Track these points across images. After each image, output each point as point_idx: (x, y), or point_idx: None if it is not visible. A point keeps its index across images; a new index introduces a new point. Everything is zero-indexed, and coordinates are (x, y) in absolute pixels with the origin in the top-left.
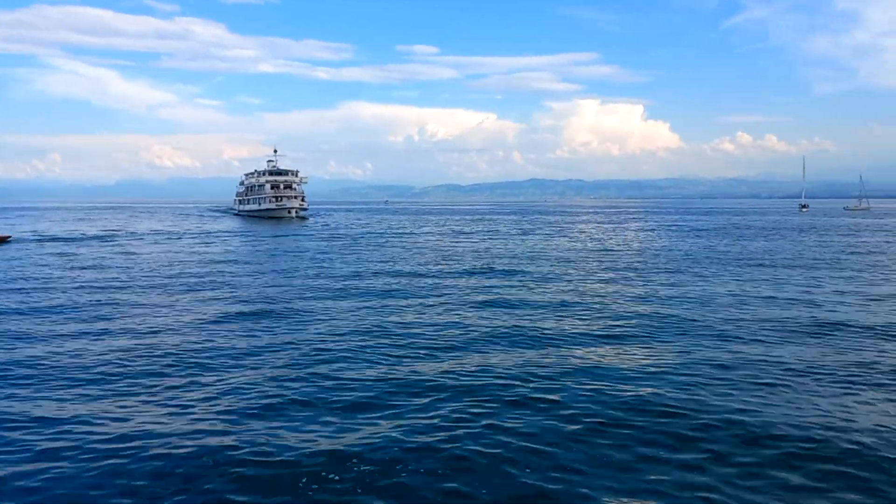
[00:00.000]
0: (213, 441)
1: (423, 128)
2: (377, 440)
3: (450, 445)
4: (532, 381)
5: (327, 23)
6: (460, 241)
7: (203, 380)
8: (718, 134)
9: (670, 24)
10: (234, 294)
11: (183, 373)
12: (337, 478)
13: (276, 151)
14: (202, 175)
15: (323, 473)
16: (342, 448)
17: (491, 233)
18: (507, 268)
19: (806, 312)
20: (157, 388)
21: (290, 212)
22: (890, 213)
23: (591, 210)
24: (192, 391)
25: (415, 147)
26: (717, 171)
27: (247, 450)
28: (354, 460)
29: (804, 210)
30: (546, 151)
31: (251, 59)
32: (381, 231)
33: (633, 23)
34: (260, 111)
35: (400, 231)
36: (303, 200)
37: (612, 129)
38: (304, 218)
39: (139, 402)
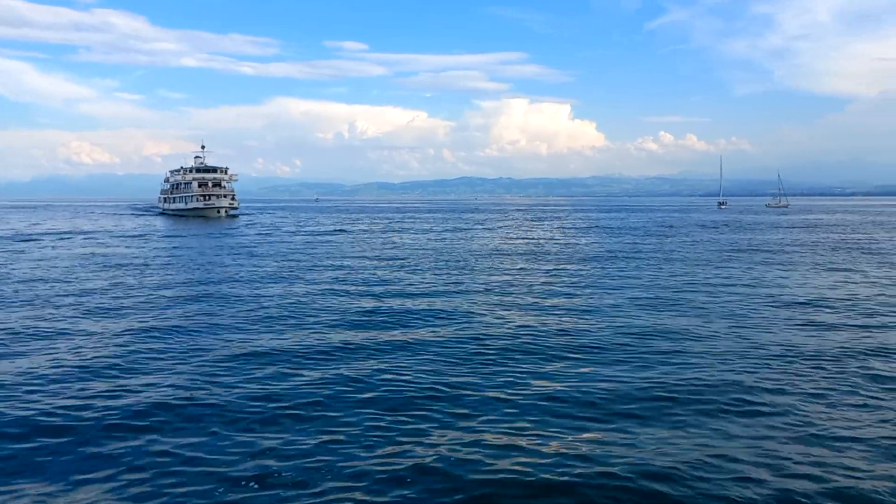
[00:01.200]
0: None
1: (352, 125)
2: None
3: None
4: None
5: (252, 17)
6: (403, 239)
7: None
8: (642, 133)
9: (595, 26)
10: (152, 301)
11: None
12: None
13: (203, 147)
14: (122, 172)
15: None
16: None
17: (429, 231)
18: (441, 265)
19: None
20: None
21: (219, 211)
22: (805, 209)
23: (521, 208)
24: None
25: (345, 144)
26: (641, 169)
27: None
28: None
29: (723, 207)
30: (476, 150)
31: (173, 52)
32: (317, 230)
33: (559, 23)
34: (183, 106)
35: (337, 230)
36: (233, 199)
37: (540, 128)
38: (234, 217)
39: None
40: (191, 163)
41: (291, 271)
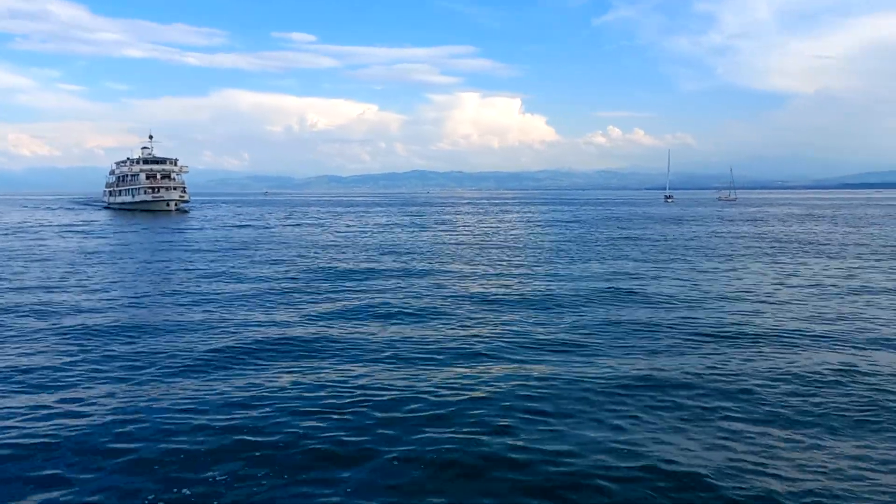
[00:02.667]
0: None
1: (302, 117)
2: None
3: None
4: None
5: (197, 6)
6: (360, 233)
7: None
8: (591, 128)
9: (544, 21)
10: (96, 303)
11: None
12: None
13: (151, 138)
14: (64, 164)
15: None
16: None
17: (382, 225)
18: (395, 259)
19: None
20: None
21: (169, 204)
22: (753, 202)
23: (473, 201)
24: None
25: (294, 137)
26: (590, 163)
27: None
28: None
29: (669, 200)
30: (428, 143)
31: (116, 42)
32: (270, 224)
33: (508, 18)
34: (127, 98)
35: (292, 224)
36: (184, 192)
37: (491, 121)
38: (185, 211)
39: None
40: (138, 154)
41: (238, 268)
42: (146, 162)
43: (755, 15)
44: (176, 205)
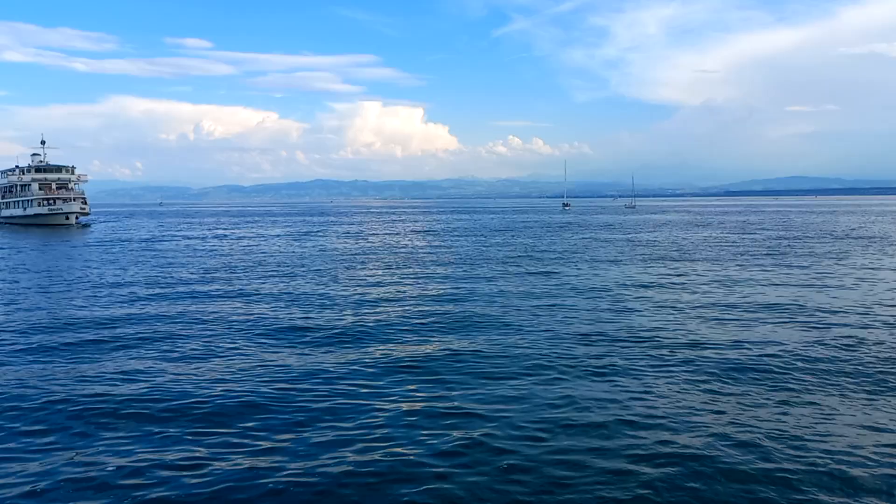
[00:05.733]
0: None
1: (198, 125)
2: None
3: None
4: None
5: (83, 10)
6: (282, 246)
7: None
8: (492, 137)
9: (446, 31)
10: None
11: None
12: None
13: (43, 143)
14: None
15: None
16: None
17: (278, 235)
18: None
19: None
20: None
21: (69, 217)
22: (652, 209)
23: (379, 210)
24: None
25: (190, 146)
26: (492, 172)
27: None
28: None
29: (567, 208)
30: (331, 152)
31: None
32: (199, 237)
33: (409, 27)
34: (8, 104)
35: (210, 237)
36: (84, 203)
37: (394, 130)
38: (86, 225)
39: None
40: (27, 163)
41: (148, 286)
42: (38, 170)
43: (645, 29)
44: (76, 218)
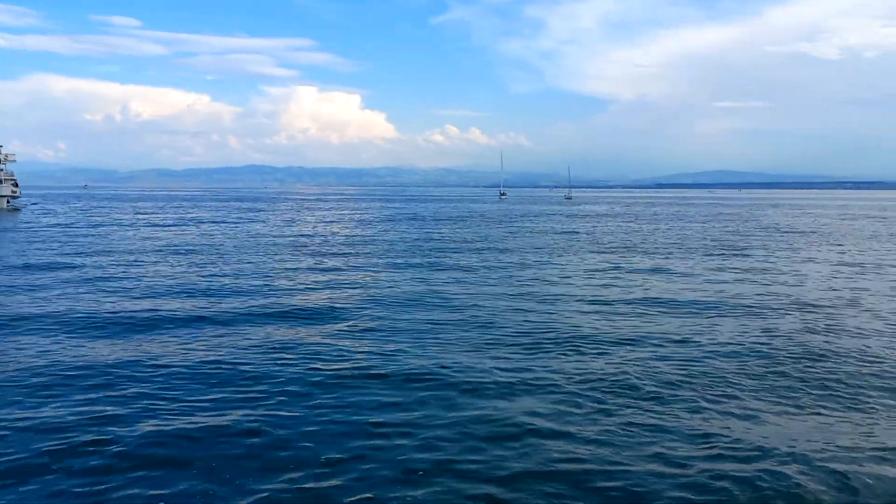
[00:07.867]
0: None
1: (126, 106)
2: None
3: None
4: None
5: None
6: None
7: None
8: (430, 126)
9: (384, 17)
10: None
11: None
12: None
13: None
14: None
15: None
16: None
17: (226, 223)
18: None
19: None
20: None
21: None
22: (587, 200)
23: (314, 197)
24: None
25: (117, 127)
26: (430, 160)
27: None
28: None
29: (503, 197)
30: (264, 137)
31: None
32: (109, 223)
33: (348, 12)
34: None
35: (143, 224)
36: (15, 186)
37: (330, 116)
38: (17, 209)
39: None
40: None
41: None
42: None
43: (581, 23)
44: (7, 202)
